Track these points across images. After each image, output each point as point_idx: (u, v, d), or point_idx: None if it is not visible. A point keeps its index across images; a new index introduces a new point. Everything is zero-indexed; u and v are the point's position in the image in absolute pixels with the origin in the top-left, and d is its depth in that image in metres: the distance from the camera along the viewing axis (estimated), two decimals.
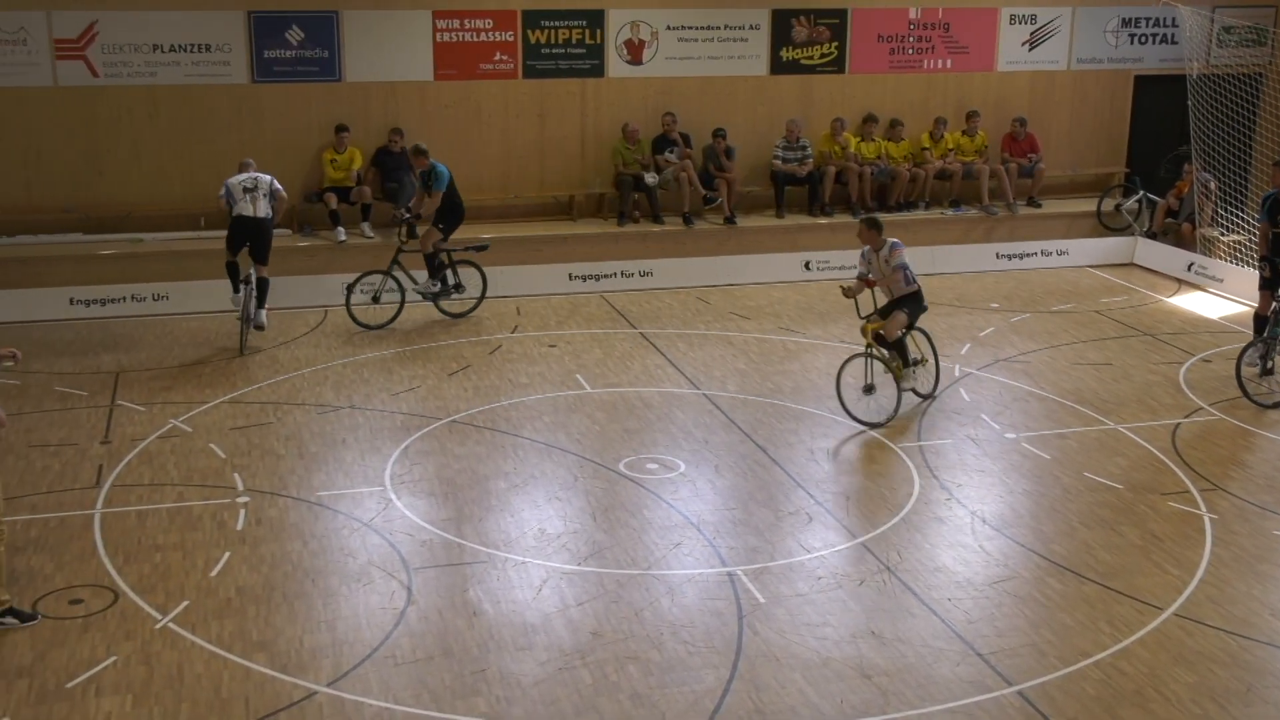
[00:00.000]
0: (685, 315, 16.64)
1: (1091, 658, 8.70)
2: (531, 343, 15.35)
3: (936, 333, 15.88)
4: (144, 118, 17.53)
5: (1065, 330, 16.18)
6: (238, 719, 7.82)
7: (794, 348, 15.30)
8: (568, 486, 11.29)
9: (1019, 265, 19.39)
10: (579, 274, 17.71)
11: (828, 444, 12.31)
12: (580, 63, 18.87)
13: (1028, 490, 11.42)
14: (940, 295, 17.75)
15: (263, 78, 17.79)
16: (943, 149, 20.05)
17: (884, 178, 19.69)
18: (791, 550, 10.15)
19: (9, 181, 17.24)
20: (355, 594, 9.36)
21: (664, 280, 17.97)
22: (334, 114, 17.97)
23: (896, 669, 8.52)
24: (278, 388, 13.65)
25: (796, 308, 17.08)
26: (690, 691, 8.23)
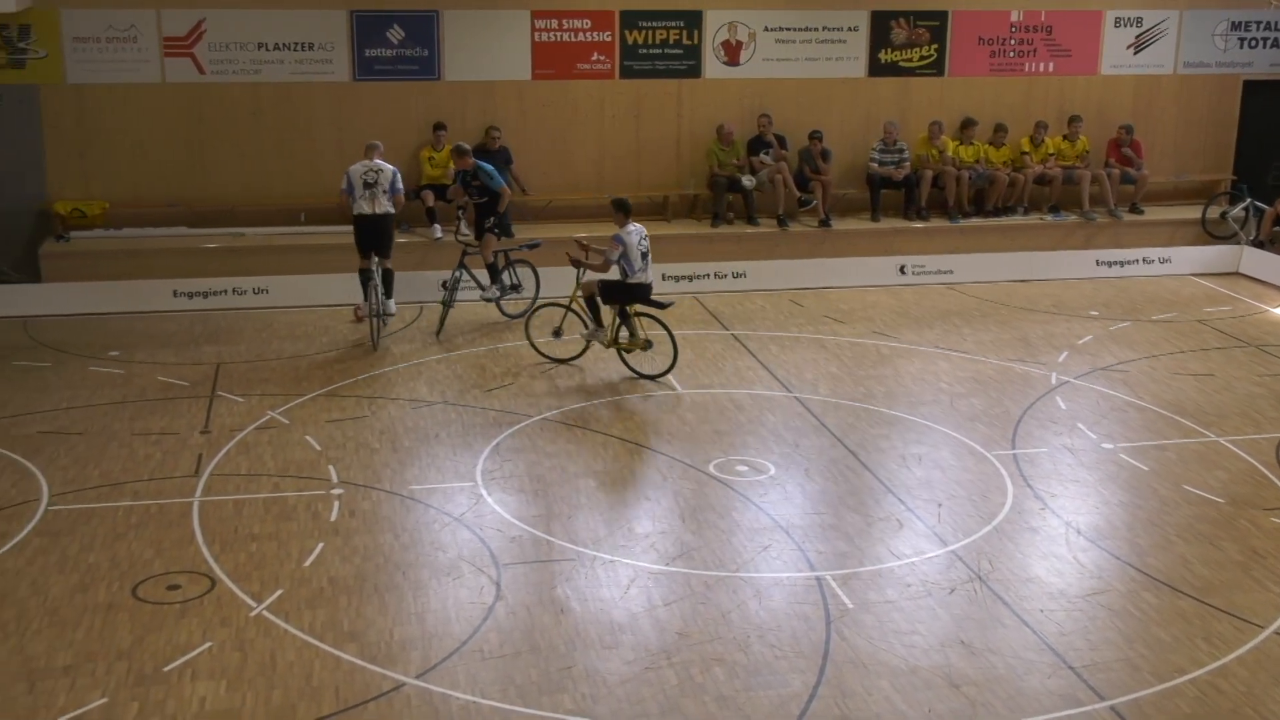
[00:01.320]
0: (778, 317, 16.58)
1: (1187, 675, 8.53)
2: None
3: (1034, 340, 15.72)
4: (247, 115, 17.84)
5: (1166, 339, 15.88)
6: (328, 707, 7.93)
7: (887, 352, 15.18)
8: (657, 486, 11.30)
9: (1119, 273, 19.06)
10: (672, 274, 17.70)
11: (920, 450, 12.20)
12: (677, 63, 18.88)
13: (1124, 502, 11.22)
14: (1038, 302, 17.52)
15: (363, 76, 18.03)
16: (1043, 154, 19.77)
17: (982, 182, 19.46)
18: (881, 556, 10.07)
19: (117, 176, 17.65)
20: (445, 588, 9.45)
21: (757, 282, 17.92)
22: (432, 112, 18.16)
23: (986, 679, 8.42)
24: (373, 382, 13.82)
25: (890, 312, 16.94)
26: (776, 695, 8.20)
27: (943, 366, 14.64)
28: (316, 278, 16.79)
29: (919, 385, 14.02)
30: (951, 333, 16.01)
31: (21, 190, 17.47)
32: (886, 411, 13.20)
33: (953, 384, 14.05)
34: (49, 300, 16.42)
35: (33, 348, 15.03)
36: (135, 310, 16.43)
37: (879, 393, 13.75)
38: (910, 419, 12.99)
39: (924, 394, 13.74)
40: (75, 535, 10.14)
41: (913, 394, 13.72)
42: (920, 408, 13.28)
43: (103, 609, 9.02)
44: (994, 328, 16.27)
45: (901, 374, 14.41)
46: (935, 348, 15.33)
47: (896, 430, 12.71)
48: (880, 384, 14.04)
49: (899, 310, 17.05)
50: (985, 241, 19.07)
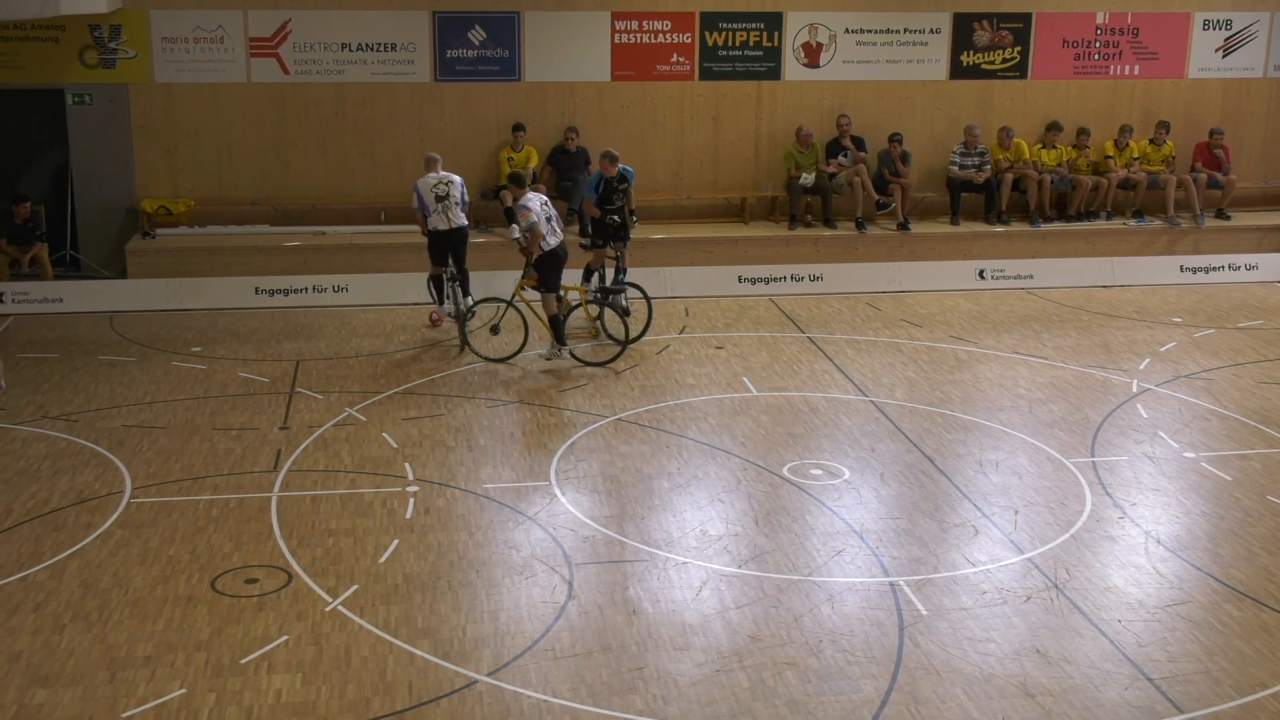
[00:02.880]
0: (854, 321, 16.48)
1: (1270, 689, 8.36)
2: (699, 344, 15.38)
3: (1115, 346, 15.51)
4: (330, 114, 18.07)
5: (1252, 347, 15.58)
6: (401, 703, 8.00)
7: (965, 357, 15.04)
8: (730, 489, 11.28)
9: (1204, 279, 18.74)
10: (748, 276, 17.68)
11: (997, 456, 12.07)
12: (756, 65, 18.85)
13: (1206, 512, 11.03)
14: (1120, 308, 17.28)
15: (445, 77, 18.18)
16: (1127, 158, 19.49)
17: (1064, 186, 19.22)
18: (956, 563, 9.98)
19: (202, 174, 17.96)
20: (518, 586, 9.50)
21: (834, 285, 17.84)
22: (512, 113, 18.28)
23: (1062, 689, 8.31)
24: (449, 381, 13.93)
25: (969, 316, 16.78)
26: (848, 701, 8.15)
27: (1021, 372, 14.49)
28: (395, 276, 16.97)
29: (997, 391, 13.87)
30: (1030, 338, 15.82)
31: (110, 188, 17.84)
32: (963, 417, 13.08)
33: (1031, 390, 13.89)
34: (134, 296, 16.74)
35: (118, 342, 15.32)
36: (217, 307, 16.71)
37: (956, 398, 13.63)
38: (987, 425, 12.86)
39: (1002, 399, 13.59)
40: (157, 528, 10.32)
41: (990, 399, 13.58)
42: (998, 413, 13.14)
43: (182, 601, 9.17)
44: (1074, 333, 16.06)
45: (979, 379, 14.27)
46: (1014, 353, 15.16)
47: (973, 436, 12.59)
48: (957, 389, 13.92)
49: (977, 315, 16.88)
50: (1066, 246, 18.84)
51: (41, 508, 10.68)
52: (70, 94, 17.67)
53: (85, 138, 17.76)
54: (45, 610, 9.03)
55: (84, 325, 16.05)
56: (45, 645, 8.58)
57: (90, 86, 17.63)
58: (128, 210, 17.89)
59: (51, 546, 9.98)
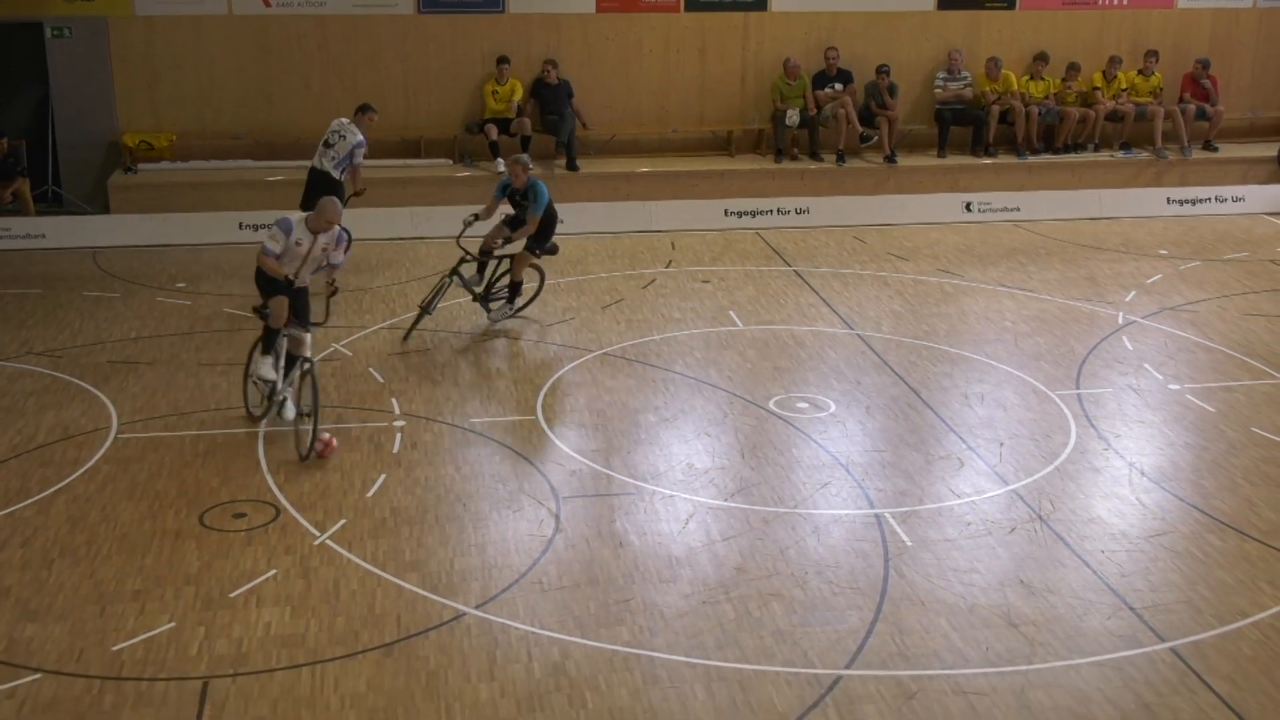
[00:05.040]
0: (841, 254, 16.46)
1: (1250, 618, 8.46)
2: (685, 278, 15.36)
3: (1101, 279, 15.51)
4: (313, 47, 17.88)
5: (1237, 280, 15.61)
6: (389, 635, 8.05)
7: (951, 290, 15.04)
8: (717, 422, 11.31)
9: (1191, 211, 18.72)
10: (735, 210, 17.62)
11: (983, 389, 12.11)
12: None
13: (1190, 443, 11.10)
14: (1106, 240, 17.27)
15: (428, 8, 17.98)
16: (1115, 89, 19.39)
17: (1051, 118, 19.14)
18: (941, 495, 10.04)
19: (184, 108, 17.78)
20: (505, 520, 9.54)
21: (820, 218, 17.78)
22: (496, 45, 18.10)
23: (1045, 619, 8.39)
24: (435, 316, 13.88)
25: (955, 249, 16.77)
26: (833, 631, 8.23)
27: (1007, 305, 14.50)
28: (379, 211, 16.84)
29: (983, 324, 13.90)
30: (1017, 271, 15.83)
31: (91, 122, 17.66)
32: (949, 350, 13.10)
33: (1017, 322, 13.92)
34: (117, 231, 16.63)
35: (102, 278, 15.25)
36: (201, 242, 16.60)
37: (942, 330, 13.65)
38: (973, 357, 12.89)
39: (988, 332, 13.61)
40: (144, 463, 10.32)
41: (976, 332, 13.61)
42: (984, 346, 13.17)
43: (170, 535, 9.20)
44: (1060, 266, 16.06)
45: (965, 312, 14.28)
46: (1000, 286, 15.17)
47: (959, 368, 12.62)
48: (943, 322, 13.93)
49: (964, 248, 16.87)
50: (1053, 179, 18.79)
51: (28, 444, 10.67)
52: (49, 27, 17.44)
53: (65, 72, 17.55)
54: (33, 545, 9.05)
55: (67, 261, 15.95)
56: (34, 580, 8.60)
57: (69, 20, 17.40)
58: (109, 145, 17.72)
59: (39, 482, 9.98)
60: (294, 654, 7.84)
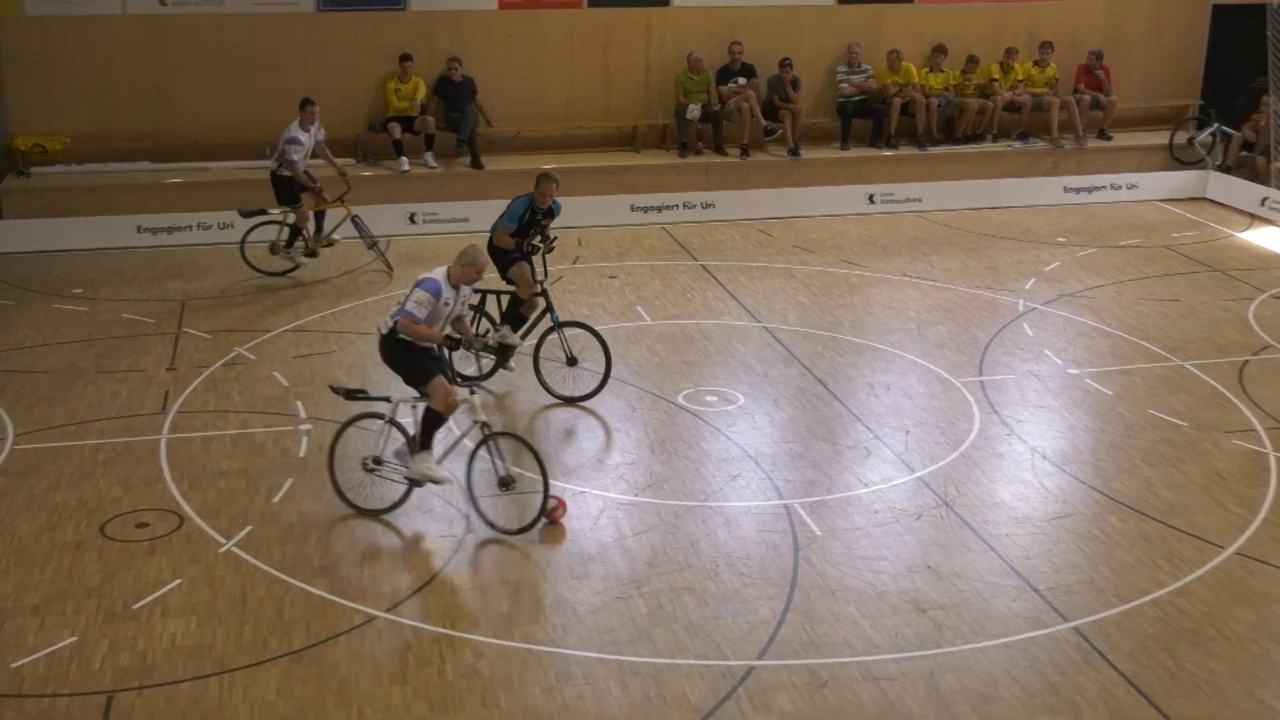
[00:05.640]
0: (747, 248, 16.56)
1: (1150, 595, 8.65)
2: (592, 274, 15.36)
3: (1001, 267, 15.76)
4: (211, 47, 17.60)
5: (1133, 265, 15.94)
6: (299, 642, 7.97)
7: (856, 281, 15.19)
8: (626, 418, 11.32)
9: (1087, 199, 19.08)
10: (641, 205, 17.65)
11: (888, 378, 12.25)
12: None
13: (1089, 426, 11.32)
14: (1006, 229, 17.55)
15: (328, 6, 17.80)
16: (1012, 80, 19.70)
17: (951, 109, 19.40)
18: (849, 484, 10.14)
19: (78, 110, 17.40)
20: (415, 522, 9.47)
21: (726, 212, 17.87)
22: (398, 43, 17.94)
23: (952, 603, 8.51)
24: (340, 317, 13.76)
25: (859, 241, 16.94)
26: (745, 623, 8.28)
27: (911, 295, 14.68)
28: None
29: (887, 314, 14.06)
30: (920, 260, 16.02)
31: None
32: (855, 340, 13.24)
33: (921, 312, 14.10)
34: (10, 237, 16.23)
35: None
36: (99, 247, 16.27)
37: (847, 321, 13.78)
38: (878, 347, 13.04)
39: (892, 322, 13.78)
40: (42, 474, 10.11)
41: (881, 322, 13.76)
42: (888, 336, 13.32)
43: (71, 548, 9.02)
44: (962, 255, 16.29)
45: (870, 302, 14.43)
46: (904, 276, 15.35)
47: (865, 359, 12.75)
48: (849, 313, 14.07)
49: (868, 239, 17.04)
50: (954, 169, 19.05)
51: None
52: None
53: None
54: None
55: None
56: None
57: None
58: (1, 149, 17.31)
59: None
60: (201, 664, 7.73)
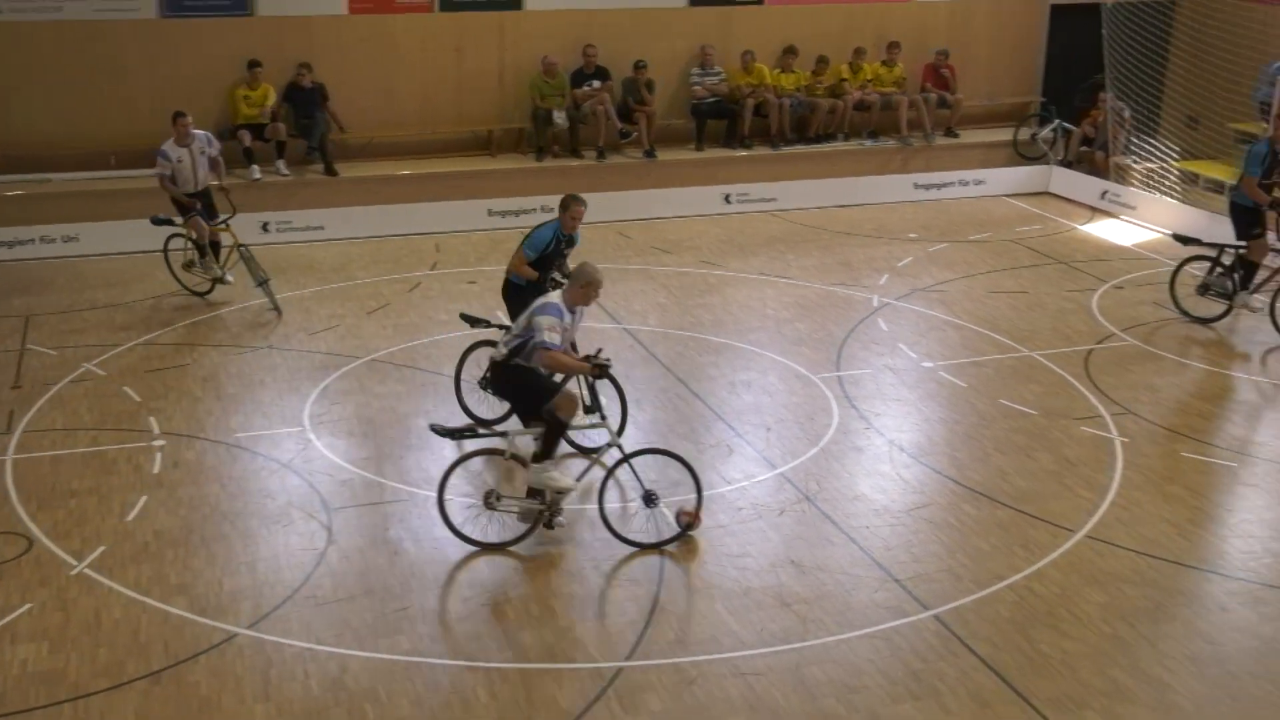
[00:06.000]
0: (605, 250, 16.58)
1: (1005, 580, 8.88)
2: (451, 279, 15.25)
3: (856, 263, 16.03)
4: (51, 55, 17.05)
5: (982, 259, 16.34)
6: (157, 663, 7.78)
7: (714, 281, 15.32)
8: None
9: (937, 195, 19.51)
10: (498, 210, 17.58)
11: (748, 376, 12.38)
12: None
13: (944, 418, 11.57)
14: (859, 226, 17.85)
15: (170, 13, 17.37)
16: (861, 79, 20.05)
17: (803, 109, 19.68)
18: (712, 482, 10.21)
19: None
20: (275, 535, 9.31)
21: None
22: (246, 50, 17.59)
23: (816, 596, 8.64)
24: (194, 329, 13.46)
25: (716, 241, 17.09)
26: (612, 624, 8.30)
27: (769, 293, 14.86)
28: (129, 224, 16.19)
29: (746, 312, 14.20)
30: (776, 259, 16.22)
31: None
32: (714, 339, 13.35)
33: (779, 310, 14.27)
34: None
35: None
36: None
37: (707, 321, 13.90)
38: (738, 346, 13.17)
39: (751, 321, 13.93)
40: None
41: (740, 321, 13.90)
42: (748, 334, 13.47)
43: None
44: (817, 253, 16.53)
45: (729, 302, 14.57)
46: (761, 274, 15.53)
47: (725, 358, 12.87)
48: (708, 312, 14.19)
49: (725, 239, 17.20)
50: (807, 168, 19.32)
51: None
52: None
53: None
54: None
55: None
56: None
57: None
58: None
59: None
60: (54, 691, 7.50)
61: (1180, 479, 10.43)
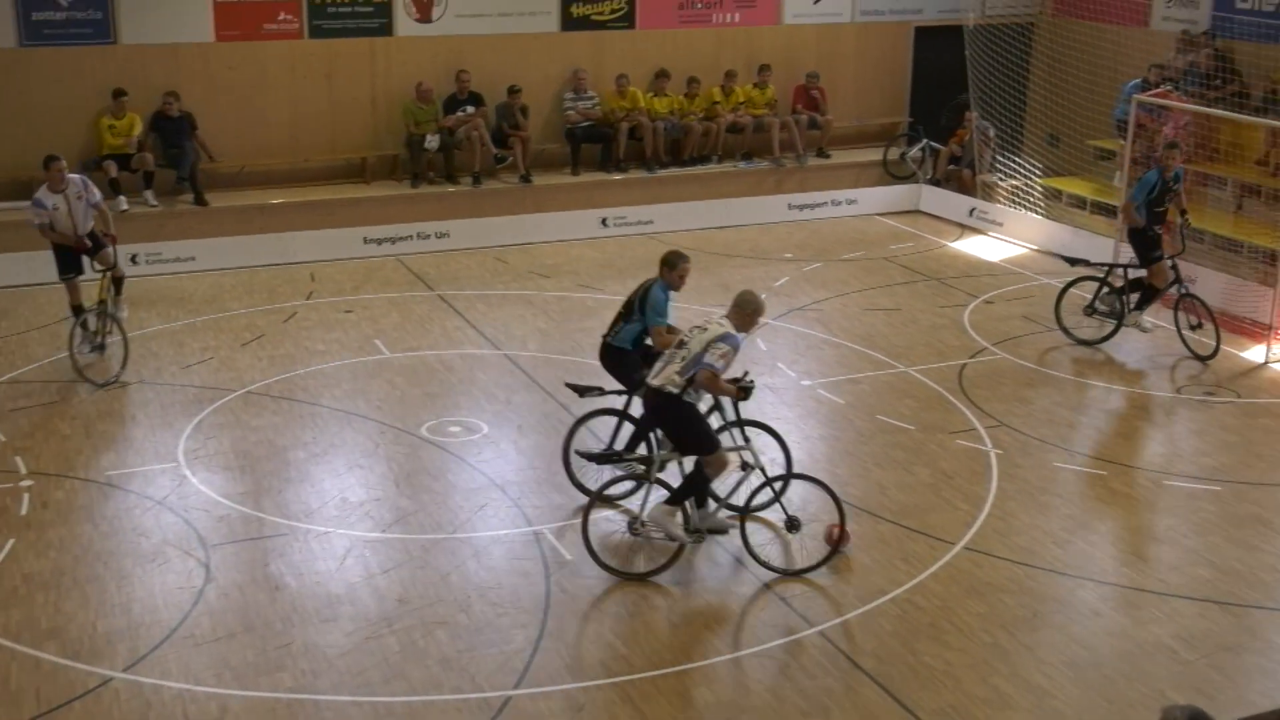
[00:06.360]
0: (484, 276, 16.53)
1: (888, 594, 9.00)
2: (327, 309, 15.06)
3: (733, 285, 16.13)
4: None
5: (856, 277, 16.59)
6: (28, 711, 7.54)
7: (594, 304, 15.35)
8: (369, 454, 11.14)
9: (811, 215, 19.77)
10: (374, 237, 17.41)
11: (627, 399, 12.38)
12: (368, 21, 18.47)
13: (824, 435, 11.71)
14: (735, 247, 18.02)
15: (31, 41, 16.94)
16: (734, 102, 20.27)
17: (676, 132, 19.83)
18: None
19: None
20: (150, 575, 9.09)
21: (461, 241, 17.79)
22: (111, 78, 17.20)
23: (704, 617, 8.67)
24: (61, 365, 13.08)
25: (594, 264, 17.12)
26: (500, 653, 8.24)
27: None
28: None
29: None
30: None
31: None
32: (595, 363, 13.28)
33: None
34: None
35: None
36: None
37: (587, 345, 13.87)
38: None
39: None
40: None
41: None
42: None
43: None
44: (694, 274, 16.35)
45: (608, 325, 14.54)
46: None
47: (606, 381, 12.82)
48: (588, 336, 14.17)
49: (603, 262, 17.24)
50: (683, 191, 19.47)
51: None
52: None
53: None
54: None
55: None
56: None
57: None
58: None
59: None
60: None
61: (1052, 489, 10.68)
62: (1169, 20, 19.52)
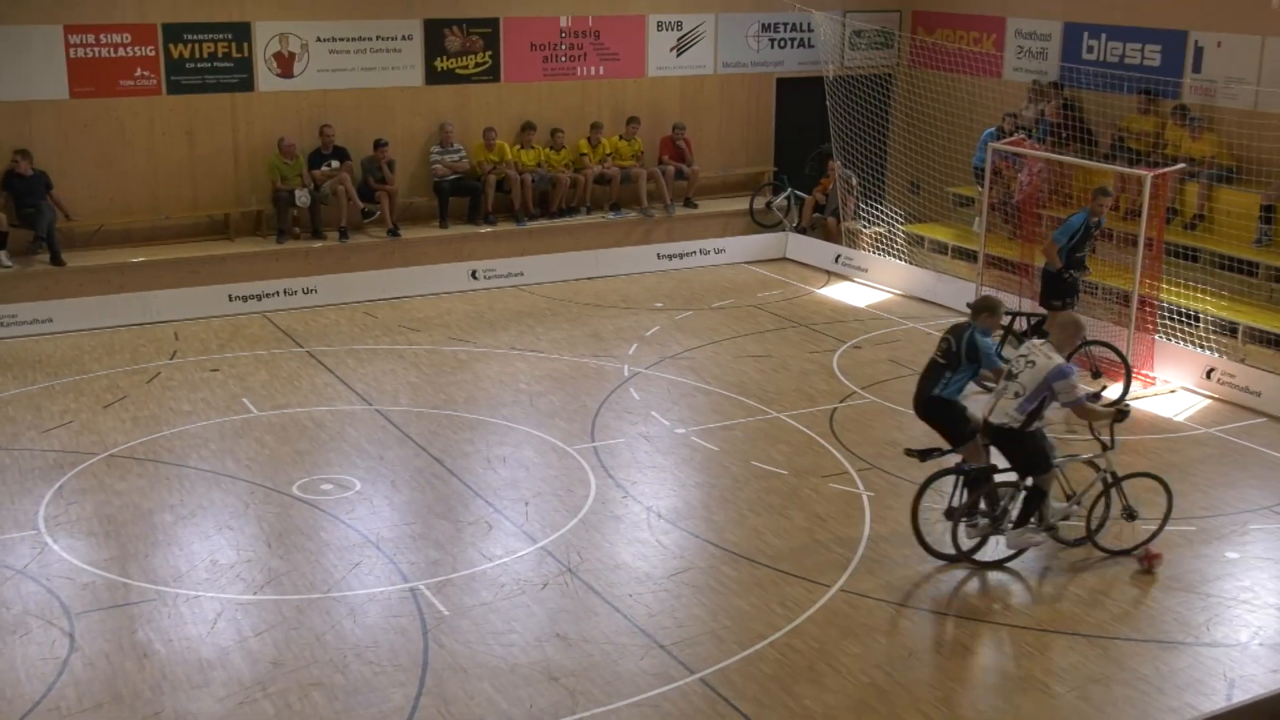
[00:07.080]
0: (353, 331, 16.36)
1: (767, 639, 9.06)
2: (192, 368, 14.77)
3: (605, 334, 16.24)
4: None
5: (726, 325, 16.77)
6: None
7: (465, 357, 15.28)
8: (238, 514, 10.92)
9: (680, 265, 19.95)
10: (239, 294, 17.14)
11: (504, 451, 12.35)
12: (228, 77, 18.26)
13: (699, 482, 11.78)
14: (606, 297, 18.10)
15: None
16: (601, 154, 20.43)
17: (544, 184, 19.91)
18: (473, 560, 10.14)
19: None
20: (11, 647, 8.78)
21: (329, 297, 17.59)
22: None
23: (583, 668, 8.64)
24: None
25: (465, 317, 17.06)
26: (378, 712, 8.11)
27: (520, 367, 14.89)
28: None
29: (498, 387, 14.20)
30: (526, 333, 16.29)
31: None
32: (468, 416, 13.29)
33: (531, 383, 14.32)
34: None
35: None
36: None
37: (460, 398, 13.83)
38: (492, 421, 13.14)
39: (504, 395, 13.93)
40: None
41: (493, 396, 13.89)
42: (501, 409, 13.45)
43: None
44: (566, 325, 16.68)
45: (480, 377, 14.54)
46: (511, 349, 15.56)
47: (479, 434, 12.82)
48: (460, 389, 14.12)
49: (473, 315, 17.19)
50: (552, 242, 19.52)
51: None
52: None
53: None
54: None
55: None
56: None
57: None
58: None
59: None
60: None
61: None
62: (1020, 71, 20.20)
